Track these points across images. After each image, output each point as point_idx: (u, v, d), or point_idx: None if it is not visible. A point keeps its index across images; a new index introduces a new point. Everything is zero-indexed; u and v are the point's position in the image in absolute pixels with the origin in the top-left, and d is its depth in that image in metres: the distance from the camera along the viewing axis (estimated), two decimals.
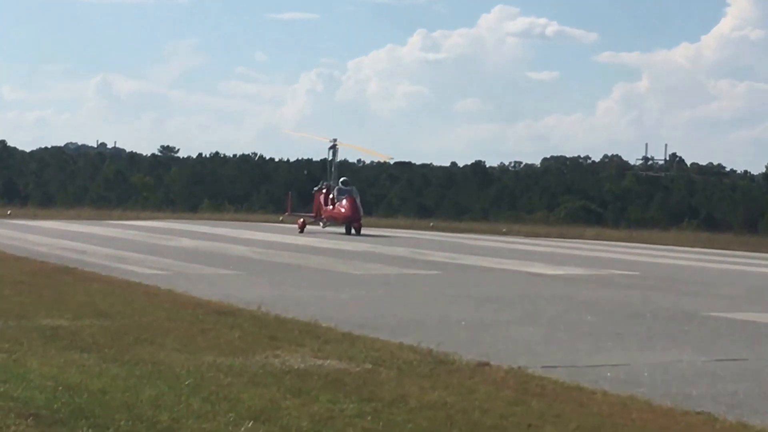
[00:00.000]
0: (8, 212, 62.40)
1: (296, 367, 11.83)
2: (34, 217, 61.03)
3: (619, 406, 10.02)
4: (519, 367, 11.98)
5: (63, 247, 33.07)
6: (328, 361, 12.21)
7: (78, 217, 61.81)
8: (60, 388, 10.16)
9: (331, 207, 50.23)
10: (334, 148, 53.41)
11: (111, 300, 17.77)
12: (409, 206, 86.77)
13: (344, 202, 49.19)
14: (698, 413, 9.86)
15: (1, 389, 10.02)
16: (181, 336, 13.88)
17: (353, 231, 48.73)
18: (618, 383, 11.39)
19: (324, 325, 15.25)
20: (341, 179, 51.91)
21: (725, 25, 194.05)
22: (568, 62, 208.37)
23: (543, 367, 12.35)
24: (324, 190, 51.68)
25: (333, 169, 53.00)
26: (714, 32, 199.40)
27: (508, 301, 20.25)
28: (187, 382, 10.61)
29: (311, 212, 53.83)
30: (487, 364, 12.17)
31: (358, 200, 49.94)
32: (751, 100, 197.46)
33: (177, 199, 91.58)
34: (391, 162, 54.08)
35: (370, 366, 11.96)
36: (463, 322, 16.64)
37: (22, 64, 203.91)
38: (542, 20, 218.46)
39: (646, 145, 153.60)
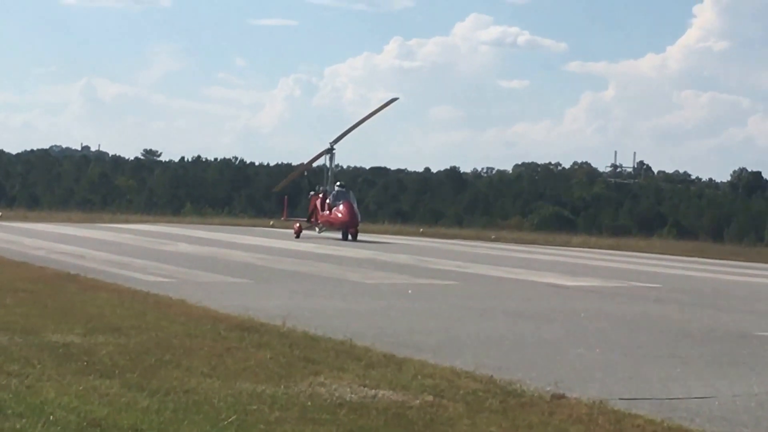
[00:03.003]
0: None
1: (347, 398, 10.20)
2: (25, 219, 59.20)
3: None
4: (601, 402, 10.35)
5: (60, 251, 31.34)
6: (381, 392, 10.58)
7: (69, 220, 60.01)
8: (85, 424, 8.59)
9: (327, 212, 48.52)
10: (330, 153, 51.62)
11: (121, 312, 16.10)
12: (386, 211, 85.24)
13: (341, 207, 47.51)
14: None
15: (18, 426, 8.41)
16: (207, 356, 12.24)
17: (350, 237, 47.09)
18: (719, 422, 9.80)
19: (359, 344, 13.61)
20: (337, 183, 50.24)
21: (690, 37, 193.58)
22: (538, 71, 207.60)
23: (621, 399, 10.74)
24: (320, 195, 49.96)
25: (329, 174, 51.25)
26: (679, 43, 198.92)
27: (542, 317, 18.64)
28: (230, 419, 8.98)
29: (302, 217, 52.31)
30: (563, 396, 10.55)
31: (355, 205, 48.28)
32: (714, 110, 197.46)
33: (160, 202, 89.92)
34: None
35: (431, 398, 10.34)
36: (507, 342, 15.04)
37: (7, 68, 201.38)
38: (514, 29, 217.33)
39: (615, 152, 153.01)
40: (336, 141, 51.89)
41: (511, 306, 20.36)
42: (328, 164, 51.77)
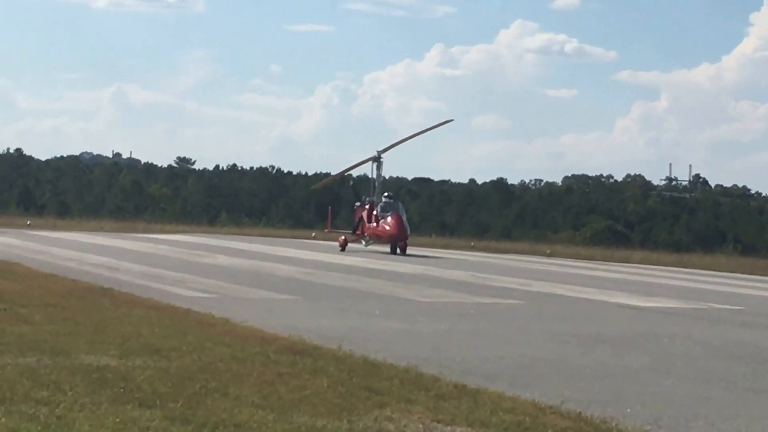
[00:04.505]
0: (27, 222, 60.14)
1: None
2: (54, 228, 58.81)
3: None
4: None
5: (92, 262, 30.70)
6: (458, 429, 9.73)
7: (100, 229, 59.57)
8: None
9: (375, 224, 47.68)
10: (377, 161, 50.76)
11: (160, 331, 15.34)
12: (430, 224, 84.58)
13: (389, 219, 46.67)
14: None
15: None
16: (257, 384, 11.43)
17: (398, 251, 46.26)
18: None
19: (426, 371, 12.75)
20: (384, 194, 49.43)
21: (747, 46, 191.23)
22: (587, 80, 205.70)
23: None
24: (367, 206, 49.12)
25: (377, 184, 50.40)
26: (736, 52, 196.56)
27: (621, 342, 17.72)
28: None
29: (344, 228, 51.58)
30: None
31: (404, 217, 47.42)
32: None
33: (194, 211, 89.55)
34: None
35: None
36: (588, 371, 14.12)
37: (37, 73, 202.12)
38: (561, 37, 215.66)
39: (670, 165, 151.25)
40: (384, 150, 51.13)
41: (584, 329, 19.42)
42: (374, 174, 50.92)
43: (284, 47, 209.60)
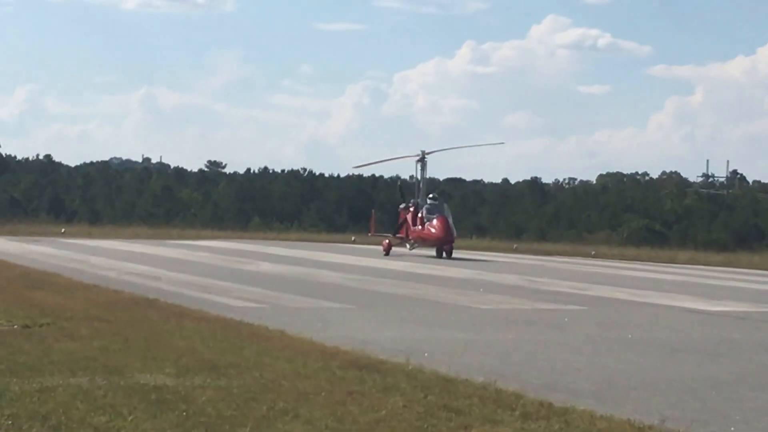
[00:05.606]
0: (62, 230, 59.85)
1: None
2: (89, 235, 58.45)
3: None
4: None
5: (132, 271, 30.19)
6: None
7: (136, 236, 59.22)
8: None
9: (420, 227, 47.00)
10: (422, 161, 50.07)
11: (215, 345, 14.76)
12: (464, 225, 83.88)
13: (435, 221, 45.99)
14: None
15: None
16: (327, 404, 10.82)
17: (444, 254, 45.59)
18: None
19: (504, 387, 12.08)
20: (429, 195, 48.78)
21: None
22: (620, 75, 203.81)
23: None
24: (411, 208, 48.43)
25: (422, 186, 49.71)
26: None
27: (701, 350, 17.00)
28: None
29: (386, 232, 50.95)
30: None
31: (450, 220, 46.71)
32: None
33: (225, 216, 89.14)
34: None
35: None
36: (676, 384, 13.41)
37: (64, 77, 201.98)
38: (594, 31, 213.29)
39: (707, 161, 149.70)
40: (430, 152, 50.57)
41: (658, 336, 18.72)
42: (419, 175, 50.26)
43: (314, 47, 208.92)
